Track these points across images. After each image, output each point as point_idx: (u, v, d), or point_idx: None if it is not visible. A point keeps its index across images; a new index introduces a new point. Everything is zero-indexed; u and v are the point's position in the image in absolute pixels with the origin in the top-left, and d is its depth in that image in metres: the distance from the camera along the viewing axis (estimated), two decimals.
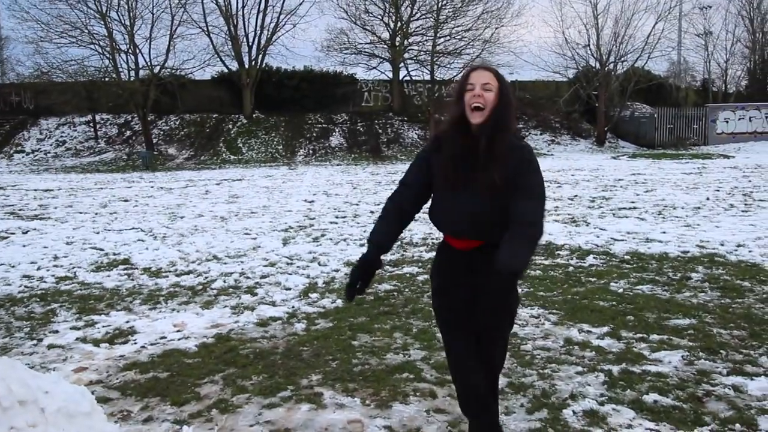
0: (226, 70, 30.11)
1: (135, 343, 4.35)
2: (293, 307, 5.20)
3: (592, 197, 11.95)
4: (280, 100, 29.14)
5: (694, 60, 35.39)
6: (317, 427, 3.09)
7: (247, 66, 29.26)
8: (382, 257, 2.53)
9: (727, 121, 29.50)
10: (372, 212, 10.50)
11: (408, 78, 31.40)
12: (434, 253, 2.70)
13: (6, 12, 38.46)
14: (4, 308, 5.28)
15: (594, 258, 6.59)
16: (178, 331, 4.62)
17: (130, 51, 27.75)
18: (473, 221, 2.28)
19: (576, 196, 12.23)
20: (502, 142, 2.21)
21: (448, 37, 30.35)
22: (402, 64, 30.49)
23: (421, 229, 8.20)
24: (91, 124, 28.57)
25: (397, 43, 29.95)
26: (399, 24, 29.97)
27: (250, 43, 29.64)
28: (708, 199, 11.19)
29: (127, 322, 4.83)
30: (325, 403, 3.34)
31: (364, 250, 2.55)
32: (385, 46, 30.47)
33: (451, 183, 2.29)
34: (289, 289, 5.79)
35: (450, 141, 2.31)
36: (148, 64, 28.11)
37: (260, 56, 29.68)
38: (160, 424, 3.10)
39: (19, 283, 6.14)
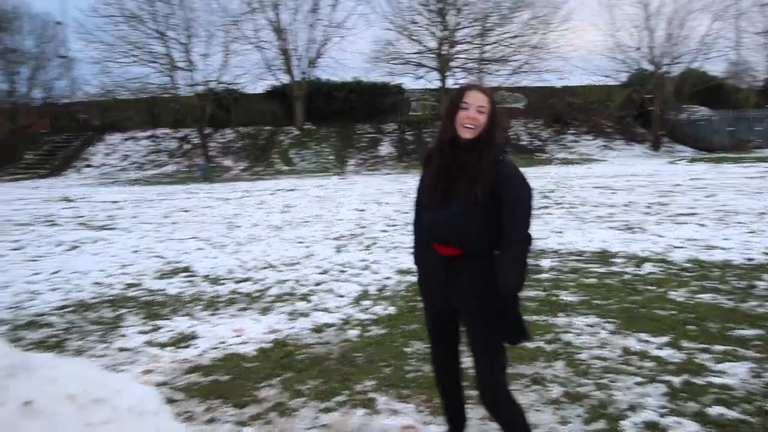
0: (278, 84, 30.74)
1: (197, 347, 4.46)
2: (346, 313, 5.23)
3: (649, 203, 11.56)
4: (330, 111, 29.53)
5: (754, 60, 33.85)
6: (373, 431, 3.11)
7: (297, 79, 29.81)
8: None
9: None
10: None
11: (455, 86, 31.29)
12: None
13: (73, 35, 40.37)
14: (78, 313, 5.52)
15: (651, 266, 6.37)
16: (237, 336, 4.71)
17: (187, 68, 28.74)
18: (458, 231, 2.39)
19: (631, 202, 11.87)
20: (487, 157, 2.36)
21: (496, 45, 30.12)
22: (449, 73, 30.42)
23: None
24: (153, 139, 29.64)
25: (444, 52, 29.90)
26: (445, 33, 29.94)
27: (301, 57, 30.20)
28: None
29: (190, 327, 4.96)
30: (379, 409, 3.35)
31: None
32: (432, 55, 30.47)
33: (438, 194, 2.43)
34: (342, 296, 5.83)
35: (438, 155, 2.47)
36: (204, 79, 29.03)
37: (310, 69, 30.22)
38: (222, 425, 3.18)
39: (91, 290, 6.39)
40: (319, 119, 29.85)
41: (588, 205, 11.71)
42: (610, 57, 29.68)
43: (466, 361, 2.67)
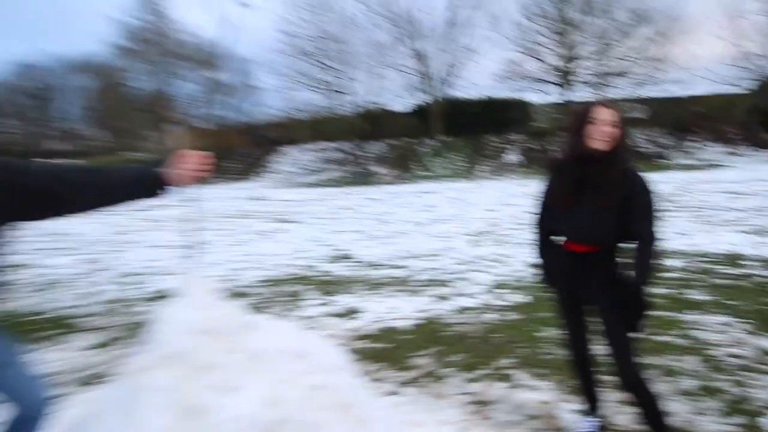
0: (418, 102, 31.16)
1: (363, 320, 4.65)
2: (484, 300, 5.17)
3: None
4: (462, 124, 29.30)
5: None
6: (513, 402, 3.05)
7: (435, 98, 30.01)
8: None
9: None
10: None
11: (577, 99, 29.50)
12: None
13: (261, 70, 44.85)
14: (270, 287, 6.00)
15: None
16: (393, 312, 4.87)
17: (344, 92, 30.13)
18: (591, 231, 2.34)
19: (762, 206, 10.39)
20: (618, 167, 2.28)
21: (616, 59, 27.91)
22: (571, 87, 28.75)
23: None
24: (318, 150, 31.49)
25: (566, 68, 28.31)
26: (567, 51, 28.33)
27: (438, 79, 30.34)
28: None
29: (355, 302, 5.17)
30: (518, 383, 3.29)
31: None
32: (555, 72, 28.99)
33: (572, 199, 2.35)
34: (480, 284, 5.77)
35: (569, 166, 2.37)
36: (359, 101, 30.27)
37: (446, 89, 30.28)
38: (384, 385, 3.30)
39: (279, 269, 6.85)
40: (453, 132, 29.74)
41: (714, 209, 10.45)
42: (734, 65, 26.21)
43: (600, 347, 2.53)
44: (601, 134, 2.24)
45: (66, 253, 8.38)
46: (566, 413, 2.90)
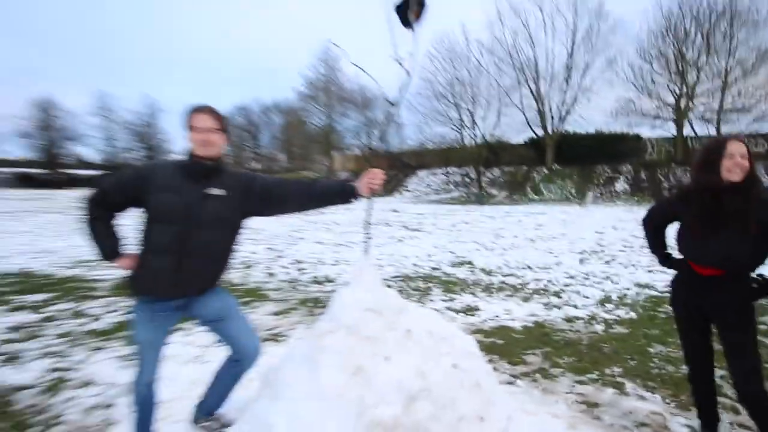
0: (534, 136, 29.66)
1: (480, 317, 4.53)
2: (592, 312, 4.73)
3: None
4: (574, 155, 27.24)
5: None
6: (622, 408, 2.74)
7: (549, 132, 28.31)
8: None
9: None
10: None
11: (693, 135, 25.71)
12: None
13: (404, 108, 46.02)
14: (405, 282, 6.08)
15: None
16: (506, 313, 4.68)
17: (470, 126, 29.79)
18: (726, 260, 2.06)
19: None
20: (756, 196, 2.01)
21: (737, 96, 23.79)
22: (686, 122, 25.14)
23: None
24: (445, 174, 31.50)
25: (682, 105, 24.81)
26: (684, 89, 24.82)
27: (553, 115, 28.60)
28: None
29: (473, 301, 5.05)
30: (627, 392, 2.94)
31: (652, 275, 2.39)
32: (670, 108, 25.59)
33: (707, 229, 2.08)
34: (588, 297, 5.29)
35: (702, 197, 2.09)
36: (482, 134, 29.70)
37: (560, 124, 28.40)
38: (500, 375, 3.17)
39: (410, 268, 6.92)
40: (565, 162, 27.77)
41: None
42: None
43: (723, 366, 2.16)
44: (734, 166, 2.00)
45: (258, 243, 9.39)
46: (678, 426, 2.53)
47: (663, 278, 5.97)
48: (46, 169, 37.74)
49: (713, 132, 24.14)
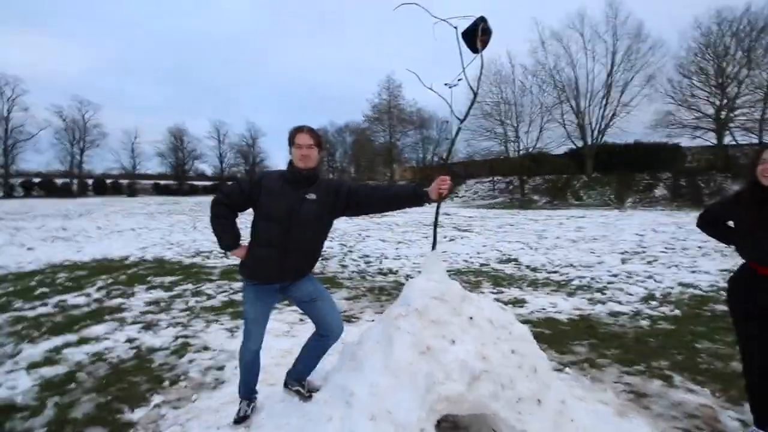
0: (574, 147, 27.84)
1: (527, 309, 4.30)
2: (636, 308, 4.31)
3: None
4: (612, 164, 25.19)
5: None
6: (671, 399, 2.46)
7: (589, 143, 26.41)
8: None
9: None
10: (699, 247, 7.93)
11: (733, 143, 22.74)
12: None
13: (454, 125, 45.10)
14: (457, 275, 5.86)
15: None
16: (552, 306, 4.40)
17: (515, 140, 28.60)
18: None
19: None
20: None
21: None
22: (726, 132, 22.28)
23: None
24: (491, 182, 30.48)
25: (722, 116, 22.03)
26: (725, 101, 22.02)
27: (593, 129, 26.66)
28: None
29: (521, 295, 4.81)
30: (675, 384, 2.64)
31: (696, 276, 2.16)
32: (710, 119, 22.83)
33: (758, 227, 1.92)
34: (631, 294, 4.83)
35: (749, 201, 1.96)
36: (525, 147, 28.41)
37: (599, 136, 26.38)
38: (550, 362, 3.00)
39: (461, 264, 6.74)
40: (604, 170, 25.75)
41: None
42: None
43: None
44: (765, 171, 1.88)
45: (332, 240, 9.64)
46: (729, 420, 2.23)
47: (707, 278, 5.32)
48: (175, 180, 42.31)
49: (755, 140, 21.23)
